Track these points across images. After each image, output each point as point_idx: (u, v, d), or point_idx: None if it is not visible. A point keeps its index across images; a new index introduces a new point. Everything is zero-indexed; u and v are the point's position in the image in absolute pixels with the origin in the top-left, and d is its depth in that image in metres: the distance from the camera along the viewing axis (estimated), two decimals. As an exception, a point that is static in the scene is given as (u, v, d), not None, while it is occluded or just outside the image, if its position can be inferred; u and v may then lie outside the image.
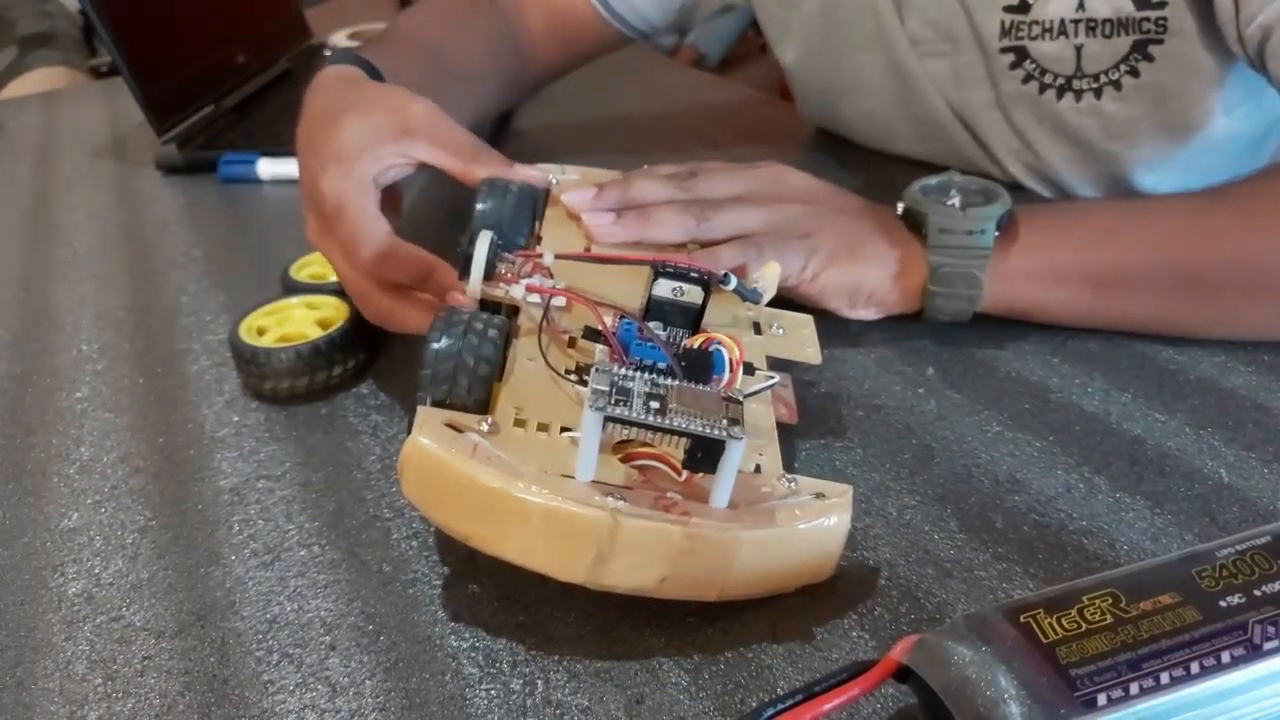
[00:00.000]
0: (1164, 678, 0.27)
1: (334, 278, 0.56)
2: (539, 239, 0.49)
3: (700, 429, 0.33)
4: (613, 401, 0.33)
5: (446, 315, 0.39)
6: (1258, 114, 0.63)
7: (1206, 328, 0.50)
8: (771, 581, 0.36)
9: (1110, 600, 0.29)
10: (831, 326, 0.54)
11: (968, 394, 0.48)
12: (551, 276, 0.44)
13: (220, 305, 0.61)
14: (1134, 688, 0.27)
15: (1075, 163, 0.66)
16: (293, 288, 0.56)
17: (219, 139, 0.86)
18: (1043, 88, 0.63)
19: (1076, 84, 0.62)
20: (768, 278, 0.45)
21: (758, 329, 0.46)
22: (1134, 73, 0.60)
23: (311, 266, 0.58)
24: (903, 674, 0.30)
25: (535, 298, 0.43)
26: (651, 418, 0.33)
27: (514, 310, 0.43)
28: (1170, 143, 0.63)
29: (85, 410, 0.51)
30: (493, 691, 0.34)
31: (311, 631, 0.37)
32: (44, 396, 0.53)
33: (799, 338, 0.46)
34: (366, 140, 0.49)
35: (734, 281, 0.42)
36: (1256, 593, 0.29)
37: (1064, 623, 0.29)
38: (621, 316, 0.41)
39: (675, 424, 0.33)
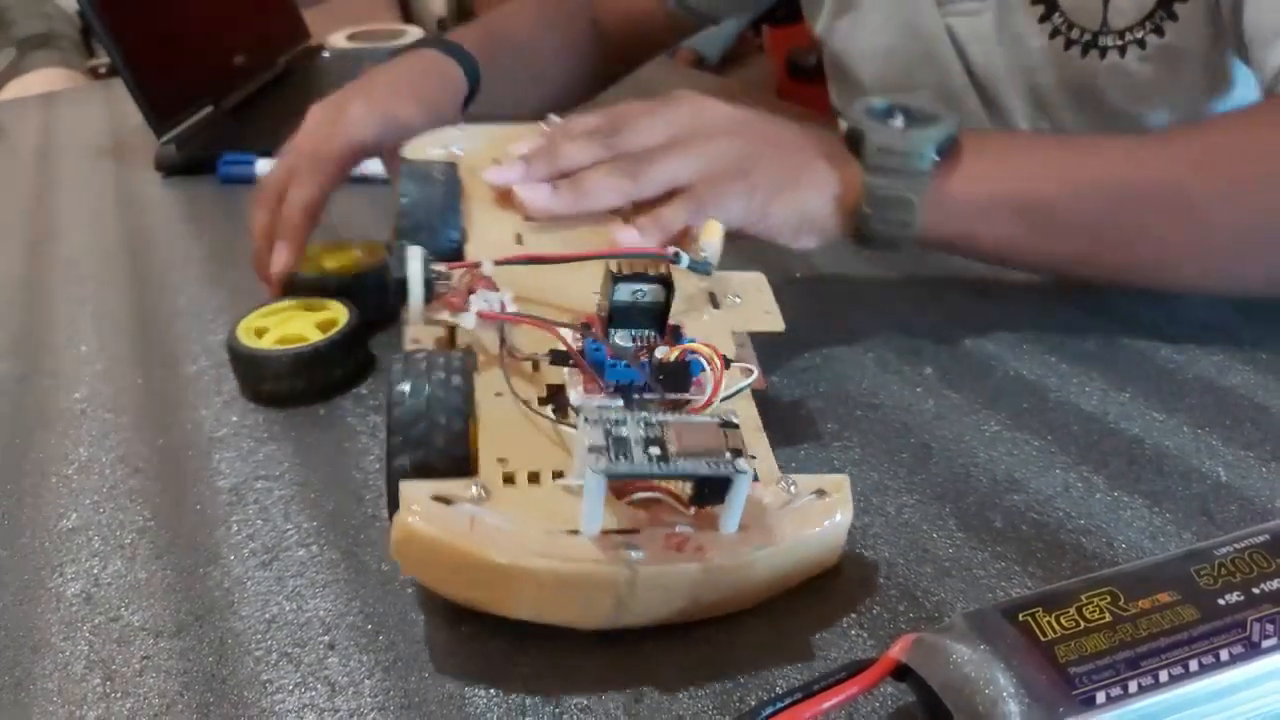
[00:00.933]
0: (1163, 676, 0.27)
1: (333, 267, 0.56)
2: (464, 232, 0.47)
3: (706, 470, 0.32)
4: (612, 457, 0.32)
5: (404, 365, 0.36)
6: None
7: (1139, 271, 0.50)
8: (783, 585, 0.36)
9: (1109, 599, 0.29)
10: (830, 325, 0.54)
11: (966, 393, 0.48)
12: (496, 289, 0.40)
13: (219, 306, 0.61)
14: (1132, 686, 0.27)
15: (1094, 130, 0.66)
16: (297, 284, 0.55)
17: (218, 139, 0.86)
18: (1069, 43, 0.63)
19: (1102, 40, 0.62)
20: (713, 243, 0.44)
21: (714, 300, 0.45)
22: (1158, 31, 0.60)
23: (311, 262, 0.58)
24: (901, 672, 0.30)
25: (488, 323, 0.40)
26: (655, 466, 0.32)
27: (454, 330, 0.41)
28: (1189, 112, 0.63)
29: (84, 411, 0.51)
30: (491, 691, 0.34)
31: (310, 631, 0.37)
32: (43, 397, 0.53)
33: (757, 304, 0.45)
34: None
35: (685, 259, 0.41)
36: (1255, 591, 0.29)
37: (1062, 621, 0.29)
38: (585, 335, 0.39)
39: (680, 469, 0.32)
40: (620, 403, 0.36)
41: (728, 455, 0.33)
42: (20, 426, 0.50)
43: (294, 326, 0.52)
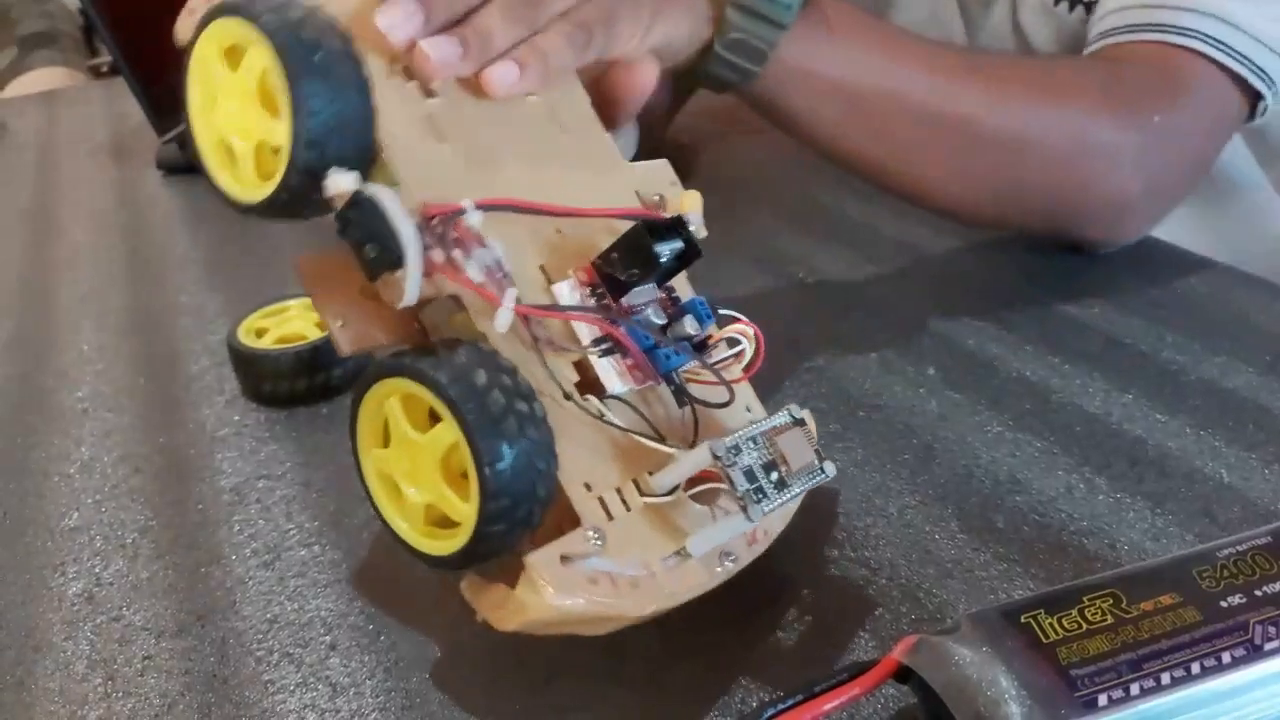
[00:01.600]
0: (1165, 678, 0.27)
1: None
2: None
3: (811, 482, 0.33)
4: (755, 498, 0.32)
5: (475, 403, 0.29)
6: None
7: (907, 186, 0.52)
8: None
9: (1111, 600, 0.29)
10: (832, 326, 0.54)
11: (969, 394, 0.48)
12: (484, 244, 0.32)
13: (220, 305, 0.61)
14: (1135, 688, 0.27)
15: None
16: None
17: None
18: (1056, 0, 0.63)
19: None
20: (697, 214, 0.38)
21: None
22: None
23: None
24: (903, 674, 0.30)
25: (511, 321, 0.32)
26: (783, 495, 0.32)
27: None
28: None
29: (85, 410, 0.51)
30: (492, 691, 0.34)
31: (312, 631, 0.37)
32: (44, 396, 0.53)
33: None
34: None
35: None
36: (1257, 593, 0.29)
37: (1065, 623, 0.29)
38: (613, 319, 0.33)
39: (794, 490, 0.33)
40: (730, 441, 0.32)
41: (817, 462, 0.34)
42: (21, 426, 0.50)
43: (294, 326, 0.52)
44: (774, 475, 0.32)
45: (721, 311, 0.36)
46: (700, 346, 0.35)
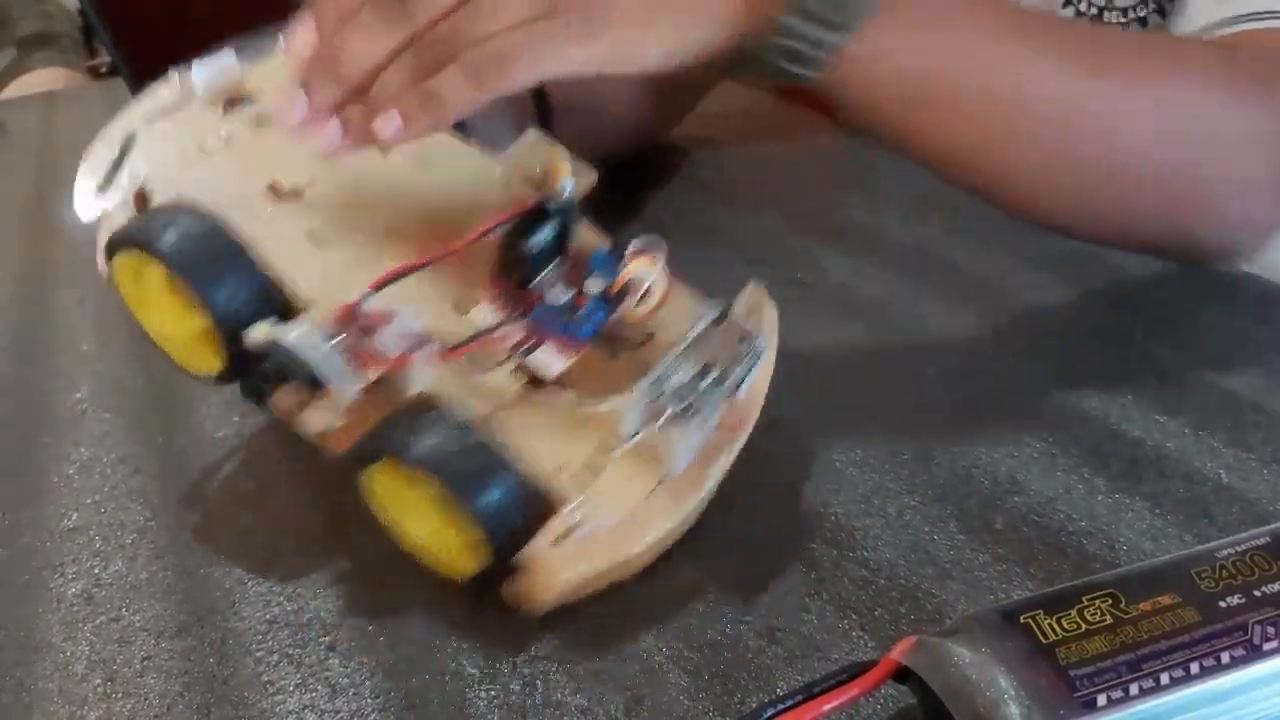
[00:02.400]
0: (1164, 678, 0.27)
1: None
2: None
3: (750, 366, 0.37)
4: (693, 412, 0.35)
5: (444, 466, 0.34)
6: None
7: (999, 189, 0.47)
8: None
9: (1110, 601, 0.29)
10: (831, 327, 0.54)
11: (968, 395, 0.48)
12: (394, 313, 0.36)
13: (220, 305, 0.61)
14: (1134, 688, 0.27)
15: None
16: None
17: (219, 139, 0.86)
18: (1078, 14, 0.62)
19: (1107, 16, 0.61)
20: (568, 180, 0.39)
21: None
22: (1160, 12, 0.59)
23: None
24: (902, 675, 0.30)
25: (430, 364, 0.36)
26: (724, 390, 0.36)
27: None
28: None
29: (84, 411, 0.51)
30: (492, 692, 0.34)
31: (311, 632, 0.37)
32: (43, 397, 0.53)
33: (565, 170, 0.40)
34: None
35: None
36: (1256, 593, 0.29)
37: (1064, 623, 0.29)
38: (521, 313, 0.38)
39: (736, 376, 0.36)
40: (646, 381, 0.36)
41: (746, 344, 0.37)
42: (20, 426, 0.50)
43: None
44: (710, 376, 0.35)
45: (635, 240, 0.39)
46: (612, 295, 0.38)
